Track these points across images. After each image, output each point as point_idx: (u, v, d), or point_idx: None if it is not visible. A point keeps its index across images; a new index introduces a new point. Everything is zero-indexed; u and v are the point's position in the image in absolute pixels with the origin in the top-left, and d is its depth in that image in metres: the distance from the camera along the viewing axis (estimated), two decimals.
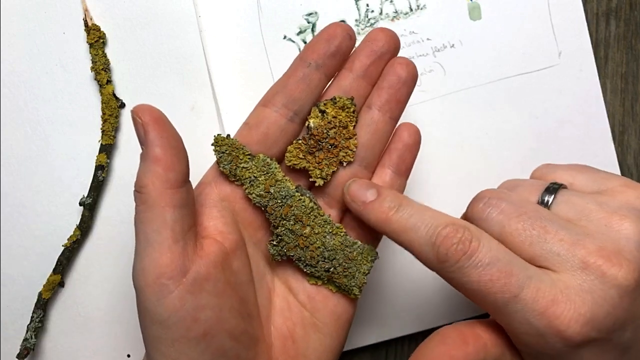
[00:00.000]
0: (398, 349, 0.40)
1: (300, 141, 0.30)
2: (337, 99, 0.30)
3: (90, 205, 0.37)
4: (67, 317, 0.38)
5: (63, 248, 0.37)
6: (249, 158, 0.30)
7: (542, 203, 0.29)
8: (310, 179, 0.31)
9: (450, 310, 0.38)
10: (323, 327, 0.31)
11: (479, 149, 0.39)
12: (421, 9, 0.38)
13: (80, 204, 0.37)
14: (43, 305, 0.37)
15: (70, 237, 0.37)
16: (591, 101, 0.39)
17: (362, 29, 0.38)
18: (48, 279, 0.37)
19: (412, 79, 0.30)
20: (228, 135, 0.30)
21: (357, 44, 0.31)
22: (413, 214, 0.28)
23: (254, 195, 0.30)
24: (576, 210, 0.28)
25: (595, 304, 0.25)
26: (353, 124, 0.30)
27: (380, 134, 0.31)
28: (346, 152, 0.30)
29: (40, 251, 0.38)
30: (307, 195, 0.30)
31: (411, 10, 0.38)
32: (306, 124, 0.30)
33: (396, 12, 0.38)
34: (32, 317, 0.37)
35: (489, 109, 0.39)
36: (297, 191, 0.30)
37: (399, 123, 0.31)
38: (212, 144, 0.30)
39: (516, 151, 0.39)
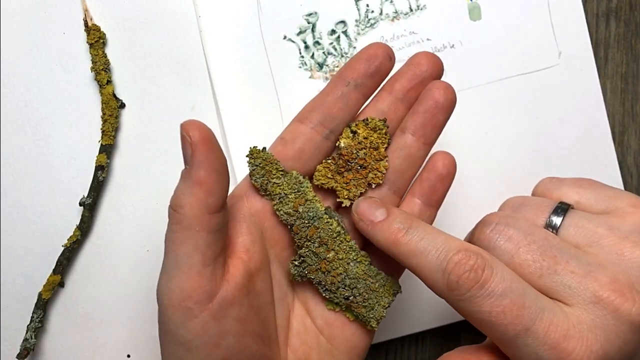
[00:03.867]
0: (398, 349, 0.40)
1: (329, 161, 0.30)
2: (369, 120, 0.30)
3: (90, 206, 0.37)
4: (67, 317, 0.38)
5: (63, 248, 0.37)
6: (281, 174, 0.29)
7: (550, 226, 0.28)
8: (338, 199, 0.30)
9: (451, 311, 0.38)
10: (339, 354, 0.30)
11: (479, 149, 0.39)
12: (421, 9, 0.38)
13: (80, 204, 0.37)
14: (43, 306, 0.37)
15: (70, 237, 0.37)
16: (591, 101, 0.39)
17: (362, 29, 0.38)
18: (48, 279, 0.37)
19: (450, 104, 0.29)
20: (264, 148, 0.29)
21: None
22: (424, 237, 0.27)
23: (281, 212, 0.29)
24: (586, 235, 0.27)
25: (607, 341, 0.25)
26: (385, 146, 0.30)
27: (413, 159, 0.30)
28: (375, 174, 0.30)
29: (40, 251, 0.38)
30: (336, 218, 0.29)
31: (411, 10, 0.38)
32: (337, 144, 0.30)
33: (396, 12, 0.38)
34: (32, 317, 0.37)
35: (489, 109, 0.39)
36: (325, 213, 0.29)
37: (433, 150, 0.30)
38: (247, 155, 0.29)
39: (516, 151, 0.39)
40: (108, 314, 0.38)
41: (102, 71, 0.37)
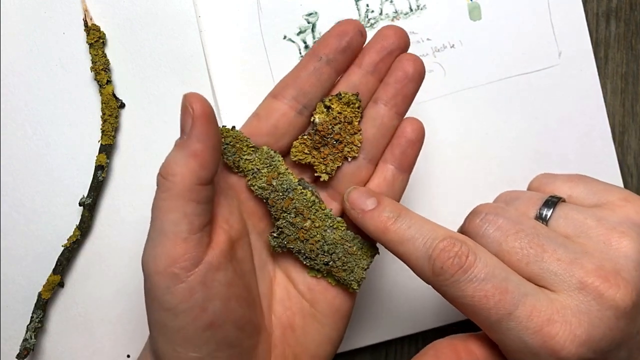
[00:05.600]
0: (398, 349, 0.40)
1: (305, 136, 0.31)
2: (343, 95, 0.30)
3: (90, 206, 0.37)
4: (67, 317, 0.38)
5: (63, 248, 0.37)
6: (252, 150, 0.30)
7: (540, 217, 0.29)
8: (315, 174, 0.31)
9: (450, 311, 0.38)
10: (322, 318, 0.31)
11: (479, 149, 0.39)
12: (421, 9, 0.38)
13: (80, 204, 0.37)
14: (43, 306, 0.37)
15: (70, 237, 0.37)
16: (591, 101, 0.39)
17: None
18: (48, 279, 0.37)
19: (419, 75, 0.30)
20: (233, 127, 0.30)
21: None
22: (411, 225, 0.28)
23: (256, 187, 0.30)
24: (575, 225, 0.28)
25: (592, 325, 0.25)
26: (358, 120, 0.30)
27: (386, 129, 0.31)
28: (351, 148, 0.31)
29: (40, 251, 0.38)
30: (309, 188, 0.30)
31: (411, 10, 0.38)
32: (311, 119, 0.30)
33: (396, 12, 0.38)
34: (32, 317, 0.37)
35: (489, 109, 0.39)
36: (299, 184, 0.30)
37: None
38: None
39: (516, 151, 0.39)
40: (108, 314, 0.38)
41: (102, 71, 0.37)
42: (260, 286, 0.30)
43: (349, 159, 0.31)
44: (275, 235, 0.30)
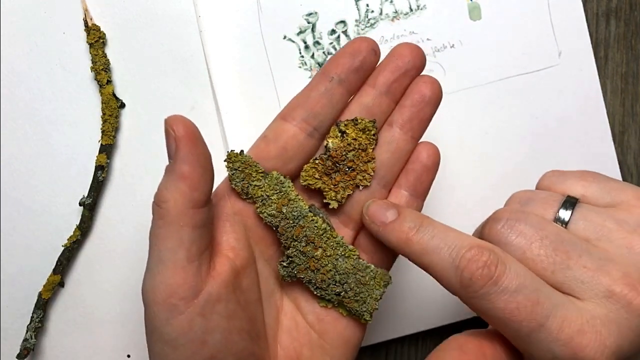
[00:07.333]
0: (398, 349, 0.40)
1: (317, 161, 0.29)
2: (359, 121, 0.29)
3: (90, 205, 0.37)
4: (67, 317, 0.38)
5: (63, 248, 0.37)
6: (262, 176, 0.29)
7: (559, 220, 0.28)
8: (325, 201, 0.30)
9: (451, 310, 0.38)
10: (330, 349, 0.30)
11: (479, 149, 0.39)
12: (421, 9, 0.38)
13: (80, 204, 0.37)
14: (43, 306, 0.37)
15: (70, 237, 0.37)
16: (591, 101, 0.39)
17: (362, 29, 0.38)
18: (48, 279, 0.37)
19: (436, 98, 0.29)
20: (242, 151, 0.29)
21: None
22: (435, 234, 0.27)
23: (265, 214, 0.29)
24: (594, 229, 0.27)
25: (621, 335, 0.25)
26: (372, 147, 0.29)
27: (400, 153, 0.30)
28: (363, 176, 0.29)
29: (40, 251, 0.38)
30: (320, 215, 0.29)
31: (411, 10, 0.38)
32: (324, 144, 0.29)
33: (396, 12, 0.38)
34: (32, 317, 0.37)
35: (489, 109, 0.39)
36: (310, 211, 0.29)
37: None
38: (225, 160, 0.29)
39: (516, 151, 0.39)
40: (108, 314, 0.38)
41: (102, 71, 0.37)
42: (266, 316, 0.29)
43: (361, 188, 0.30)
44: (285, 264, 0.29)
